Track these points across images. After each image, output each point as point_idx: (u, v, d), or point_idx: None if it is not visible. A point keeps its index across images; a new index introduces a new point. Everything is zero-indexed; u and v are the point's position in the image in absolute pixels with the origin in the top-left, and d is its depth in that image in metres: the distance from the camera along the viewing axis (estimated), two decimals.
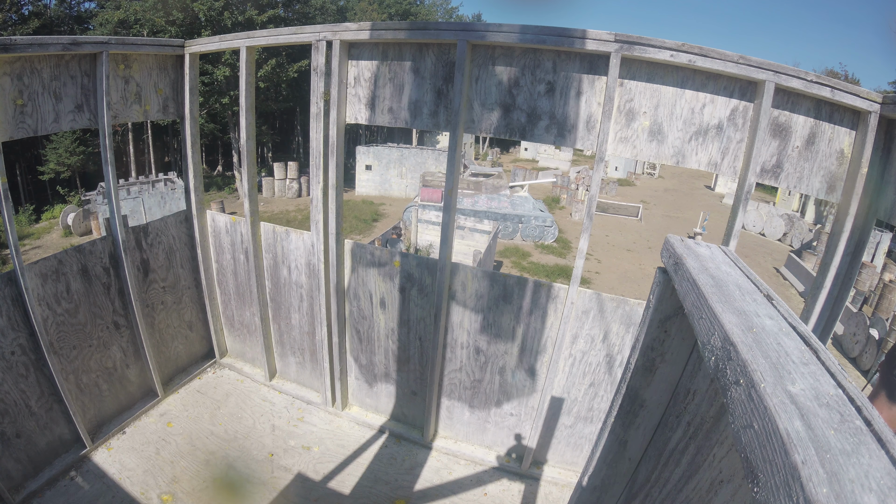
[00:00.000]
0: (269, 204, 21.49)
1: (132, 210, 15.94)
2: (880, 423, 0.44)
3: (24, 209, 20.69)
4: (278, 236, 3.28)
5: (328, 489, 2.85)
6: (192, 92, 3.16)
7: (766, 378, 0.49)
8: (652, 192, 28.85)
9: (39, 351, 2.57)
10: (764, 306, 0.68)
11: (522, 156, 40.89)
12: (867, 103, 1.95)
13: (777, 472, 0.41)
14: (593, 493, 1.27)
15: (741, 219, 2.17)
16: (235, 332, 3.88)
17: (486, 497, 2.90)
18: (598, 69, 2.19)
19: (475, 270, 2.74)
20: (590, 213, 2.34)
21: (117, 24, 21.77)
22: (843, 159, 2.08)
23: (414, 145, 28.40)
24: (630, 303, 2.51)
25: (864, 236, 2.07)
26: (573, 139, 2.31)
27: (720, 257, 0.88)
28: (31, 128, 2.36)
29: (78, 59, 2.50)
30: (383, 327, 3.15)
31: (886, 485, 0.37)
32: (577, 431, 2.95)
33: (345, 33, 2.49)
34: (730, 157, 2.17)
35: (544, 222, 16.97)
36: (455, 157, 2.50)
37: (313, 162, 2.84)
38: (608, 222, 20.28)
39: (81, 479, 2.74)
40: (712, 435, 0.79)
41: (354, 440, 3.27)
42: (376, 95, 2.61)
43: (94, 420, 3.03)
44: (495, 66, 2.32)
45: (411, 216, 15.07)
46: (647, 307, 1.03)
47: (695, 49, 2.00)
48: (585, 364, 2.71)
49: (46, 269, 2.60)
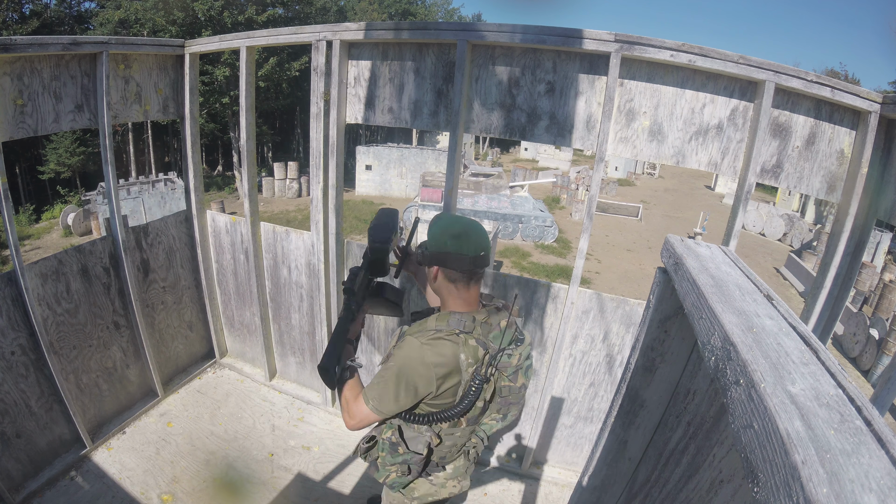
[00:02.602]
0: (269, 204, 21.48)
1: (132, 210, 15.94)
2: (880, 423, 0.44)
3: (25, 209, 20.70)
4: (278, 236, 3.28)
5: (328, 489, 2.85)
6: (192, 92, 3.16)
7: (766, 378, 0.49)
8: (652, 192, 28.84)
9: (39, 351, 2.57)
10: (764, 306, 0.68)
11: (522, 156, 40.87)
12: (867, 103, 1.95)
13: (777, 472, 0.41)
14: (593, 493, 1.27)
15: (741, 219, 2.17)
16: (235, 332, 3.88)
17: (486, 497, 2.90)
18: (598, 69, 2.19)
19: None
20: (590, 213, 2.34)
21: (117, 24, 21.78)
22: (843, 159, 2.08)
23: (414, 145, 28.39)
24: (630, 303, 2.51)
25: (864, 236, 2.07)
26: (573, 139, 2.31)
27: (720, 257, 0.88)
28: (31, 128, 2.36)
29: (78, 59, 2.50)
30: (383, 327, 3.15)
31: (886, 485, 0.37)
32: (577, 431, 2.95)
33: (345, 33, 2.49)
34: (730, 157, 2.17)
35: (544, 222, 16.97)
36: (455, 157, 2.50)
37: (313, 162, 2.84)
38: (608, 222, 20.27)
39: (81, 479, 2.74)
40: (712, 435, 0.79)
41: (354, 440, 3.27)
42: (376, 95, 2.61)
43: (94, 420, 3.03)
44: (495, 65, 2.32)
45: (411, 216, 15.07)
46: (647, 307, 1.03)
47: (695, 49, 2.00)
48: (585, 364, 2.71)
49: (46, 269, 2.60)
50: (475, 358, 1.35)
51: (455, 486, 1.64)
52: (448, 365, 1.33)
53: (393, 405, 1.36)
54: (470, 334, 1.37)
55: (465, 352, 1.34)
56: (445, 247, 1.36)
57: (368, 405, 1.36)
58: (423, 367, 1.32)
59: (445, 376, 1.34)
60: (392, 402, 1.35)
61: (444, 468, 1.60)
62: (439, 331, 1.37)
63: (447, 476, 1.61)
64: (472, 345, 1.36)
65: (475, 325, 1.38)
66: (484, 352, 1.37)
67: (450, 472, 1.61)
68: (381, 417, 1.39)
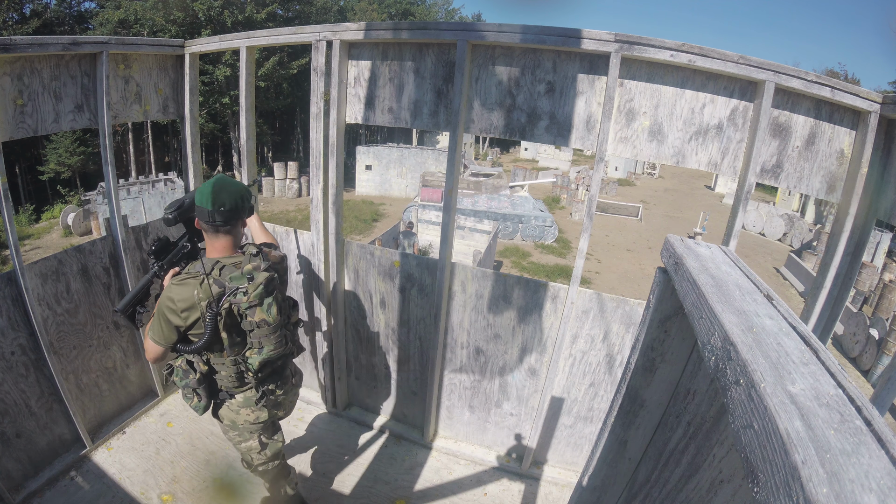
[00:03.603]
0: (269, 204, 21.49)
1: (132, 210, 15.94)
2: (880, 422, 0.44)
3: (24, 209, 20.70)
4: (278, 236, 3.28)
5: (328, 489, 2.85)
6: (192, 92, 3.16)
7: (766, 378, 0.49)
8: (652, 192, 28.85)
9: (39, 351, 2.57)
10: (764, 306, 0.68)
11: (522, 156, 40.88)
12: (867, 103, 1.94)
13: (777, 472, 0.41)
14: (593, 493, 1.27)
15: (741, 219, 2.17)
16: None
17: (486, 497, 2.90)
18: (598, 69, 2.19)
19: (475, 270, 2.74)
20: (590, 213, 2.34)
21: (117, 24, 21.78)
22: (843, 159, 2.08)
23: (414, 145, 28.40)
24: (630, 303, 2.51)
25: (864, 236, 2.07)
26: (573, 139, 2.31)
27: (720, 257, 0.88)
28: (31, 128, 2.36)
29: (78, 59, 2.50)
30: (383, 327, 3.15)
31: (886, 485, 0.37)
32: (577, 431, 2.95)
33: (345, 33, 2.49)
34: (730, 157, 2.17)
35: (544, 222, 16.97)
36: (455, 157, 2.50)
37: (313, 162, 2.84)
38: (608, 222, 20.28)
39: (81, 479, 2.73)
40: (712, 435, 0.79)
41: (354, 440, 3.27)
42: (376, 95, 2.61)
43: (94, 420, 3.03)
44: (495, 66, 2.32)
45: (411, 216, 15.07)
46: (647, 307, 1.03)
47: (695, 49, 2.00)
48: (585, 364, 2.71)
49: (46, 269, 2.60)
50: (207, 295, 1.61)
51: (249, 415, 1.94)
52: (187, 301, 1.62)
53: (160, 336, 1.67)
54: (209, 275, 1.64)
55: (199, 290, 1.62)
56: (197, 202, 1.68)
57: (148, 336, 1.70)
58: (171, 303, 1.63)
59: (187, 311, 1.63)
60: (160, 333, 1.67)
61: (233, 396, 1.91)
62: (188, 273, 1.68)
63: (239, 404, 1.91)
64: (207, 284, 1.62)
65: (215, 268, 1.66)
66: (220, 290, 1.63)
67: (240, 400, 1.91)
68: (159, 347, 1.70)
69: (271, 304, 1.71)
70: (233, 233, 1.74)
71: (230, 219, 1.69)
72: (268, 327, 1.71)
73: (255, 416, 1.95)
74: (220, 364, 1.80)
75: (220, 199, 1.64)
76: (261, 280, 1.67)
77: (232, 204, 1.67)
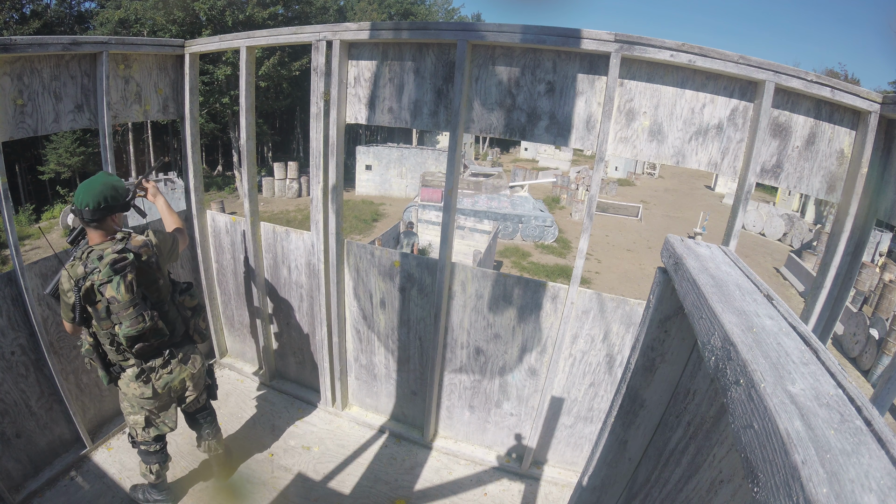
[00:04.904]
0: (269, 204, 21.49)
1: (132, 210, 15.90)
2: (880, 422, 0.44)
3: (25, 209, 20.70)
4: (278, 236, 3.28)
5: (328, 489, 2.85)
6: (193, 92, 3.16)
7: (766, 378, 0.49)
8: (652, 192, 28.85)
9: (39, 351, 2.57)
10: (764, 306, 0.68)
11: (522, 156, 40.89)
12: (867, 103, 1.94)
13: (777, 472, 0.41)
14: (593, 493, 1.27)
15: (741, 219, 2.17)
16: (236, 333, 3.88)
17: (486, 497, 2.90)
18: (598, 69, 2.19)
19: (475, 270, 2.74)
20: (590, 213, 2.34)
21: (117, 24, 21.78)
22: (843, 159, 2.08)
23: (414, 145, 28.41)
24: (630, 303, 2.51)
25: (864, 236, 2.07)
26: (573, 139, 2.31)
27: (720, 257, 0.88)
28: (31, 128, 2.36)
29: (78, 59, 2.50)
30: (383, 327, 3.15)
31: (886, 485, 0.37)
32: (577, 431, 2.95)
33: (345, 33, 2.49)
34: (730, 157, 2.17)
35: (544, 222, 16.97)
36: (455, 157, 2.50)
37: (313, 162, 2.84)
38: (608, 222, 20.28)
39: (82, 479, 2.73)
40: (712, 435, 0.79)
41: (354, 440, 3.27)
42: (376, 95, 2.61)
43: (94, 420, 3.03)
44: (495, 66, 2.32)
45: (411, 216, 15.07)
46: (647, 307, 1.03)
47: (695, 49, 2.00)
48: (585, 364, 2.71)
49: (46, 269, 2.60)
50: (75, 275, 1.91)
51: (136, 389, 2.17)
52: (65, 282, 1.94)
53: (63, 313, 2.00)
54: (80, 259, 1.93)
55: (71, 272, 1.92)
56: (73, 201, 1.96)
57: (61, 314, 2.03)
58: (61, 285, 1.96)
59: (68, 291, 1.93)
60: (63, 310, 2.00)
61: (124, 370, 2.16)
62: (72, 258, 1.98)
63: (129, 377, 2.15)
64: (74, 267, 1.92)
65: (84, 253, 1.95)
66: (84, 271, 1.89)
67: (130, 374, 2.15)
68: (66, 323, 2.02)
69: (119, 283, 1.89)
70: (102, 226, 1.99)
71: (96, 215, 1.94)
72: (118, 304, 1.90)
73: (140, 391, 2.17)
74: (101, 336, 2.06)
75: (84, 201, 1.91)
76: (108, 260, 1.90)
77: (95, 203, 1.92)
